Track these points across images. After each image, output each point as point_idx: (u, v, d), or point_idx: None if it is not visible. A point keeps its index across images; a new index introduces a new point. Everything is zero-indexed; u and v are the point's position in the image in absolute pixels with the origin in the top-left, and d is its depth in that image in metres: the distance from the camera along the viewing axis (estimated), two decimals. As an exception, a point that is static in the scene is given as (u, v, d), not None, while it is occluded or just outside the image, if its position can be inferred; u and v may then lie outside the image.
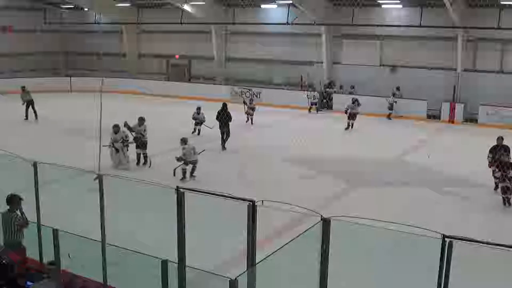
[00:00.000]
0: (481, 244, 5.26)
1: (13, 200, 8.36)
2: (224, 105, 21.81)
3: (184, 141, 16.84)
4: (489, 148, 16.30)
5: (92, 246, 7.47)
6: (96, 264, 7.78)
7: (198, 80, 38.44)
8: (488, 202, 15.20)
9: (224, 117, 21.27)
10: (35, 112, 27.47)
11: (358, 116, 26.25)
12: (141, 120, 18.28)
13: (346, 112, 26.14)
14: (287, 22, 30.07)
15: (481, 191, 16.02)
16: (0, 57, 38.39)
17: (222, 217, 10.99)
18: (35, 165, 8.49)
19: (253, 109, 27.02)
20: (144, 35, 41.21)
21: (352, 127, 26.04)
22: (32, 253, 8.16)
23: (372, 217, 5.62)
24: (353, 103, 26.28)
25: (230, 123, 21.28)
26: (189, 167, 16.71)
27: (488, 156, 16.08)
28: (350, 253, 9.33)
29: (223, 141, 21.21)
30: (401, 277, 9.43)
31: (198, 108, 24.33)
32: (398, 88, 30.19)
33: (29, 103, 27.75)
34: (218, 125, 21.37)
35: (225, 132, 21.25)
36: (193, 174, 16.77)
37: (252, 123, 26.77)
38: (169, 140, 20.09)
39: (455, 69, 29.28)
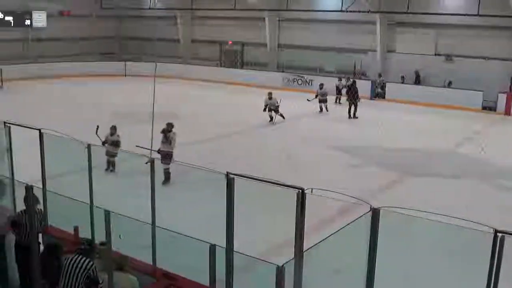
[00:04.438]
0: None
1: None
2: (354, 82, 27.09)
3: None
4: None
5: (142, 228, 7.60)
6: (146, 246, 7.92)
7: (250, 66, 38.48)
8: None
9: (352, 92, 26.01)
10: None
11: (410, 106, 25.91)
12: (113, 129, 16.08)
13: (316, 97, 27.02)
14: (341, 9, 29.77)
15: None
16: (57, 42, 39.25)
17: (270, 203, 11.04)
18: (89, 147, 8.65)
19: (323, 95, 27.01)
20: (197, 20, 41.43)
21: (325, 110, 26.92)
22: (85, 234, 8.34)
23: (422, 209, 5.55)
24: (320, 88, 26.92)
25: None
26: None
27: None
28: (399, 245, 9.24)
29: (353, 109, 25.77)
30: (449, 271, 9.30)
31: (270, 93, 24.18)
32: (380, 75, 30.72)
33: None
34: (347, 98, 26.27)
35: (352, 104, 25.79)
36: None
37: (327, 110, 26.96)
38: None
39: (513, 60, 28.46)
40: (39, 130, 9.05)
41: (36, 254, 6.89)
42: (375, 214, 5.48)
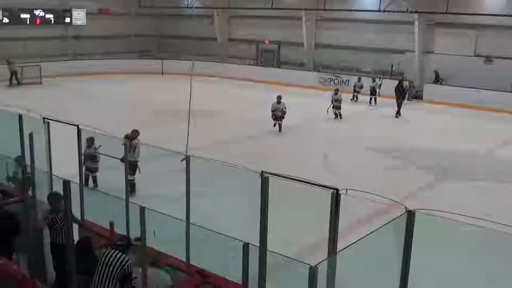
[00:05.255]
0: None
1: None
2: (400, 81, 27.09)
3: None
4: None
5: (176, 225, 7.65)
6: (180, 243, 7.97)
7: (287, 66, 38.43)
8: None
9: (399, 90, 26.37)
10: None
11: (448, 108, 25.60)
12: (90, 140, 13.80)
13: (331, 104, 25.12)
14: (379, 9, 29.53)
15: None
16: (95, 39, 39.80)
17: (304, 203, 11.02)
18: (126, 143, 8.75)
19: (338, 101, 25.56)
20: (235, 19, 41.55)
21: (339, 117, 25.06)
22: (121, 229, 8.44)
23: (458, 212, 5.47)
24: (335, 94, 25.16)
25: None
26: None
27: None
28: (434, 248, 9.13)
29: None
30: (484, 276, 9.16)
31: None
32: (374, 80, 30.07)
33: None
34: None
35: (398, 103, 26.11)
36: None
37: (340, 118, 25.25)
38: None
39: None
40: (77, 126, 9.19)
41: (72, 250, 6.99)
42: (410, 216, 5.42)
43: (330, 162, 17.72)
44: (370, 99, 29.37)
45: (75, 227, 8.43)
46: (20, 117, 9.52)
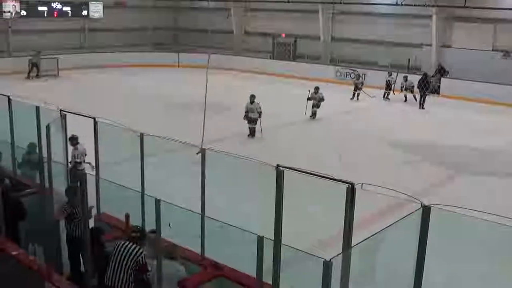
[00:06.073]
0: None
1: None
2: (425, 74, 27.87)
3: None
4: None
5: (191, 218, 7.68)
6: (194, 235, 7.99)
7: (303, 59, 38.31)
8: None
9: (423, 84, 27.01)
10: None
11: (465, 102, 25.46)
12: (33, 145, 11.35)
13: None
14: (396, 3, 29.36)
15: None
16: (112, 32, 39.96)
17: (319, 197, 11.01)
18: (141, 136, 8.77)
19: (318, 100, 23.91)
20: (251, 12, 41.49)
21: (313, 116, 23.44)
22: (136, 221, 8.48)
23: (474, 208, 5.43)
24: (315, 93, 23.51)
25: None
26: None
27: None
28: (450, 245, 9.08)
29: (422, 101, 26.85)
30: (500, 273, 9.09)
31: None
32: (390, 74, 29.48)
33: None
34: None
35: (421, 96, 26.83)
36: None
37: (314, 117, 23.52)
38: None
39: None
40: (94, 118, 9.23)
41: (87, 242, 7.05)
42: (425, 211, 5.40)
43: (347, 156, 17.66)
44: (387, 93, 29.11)
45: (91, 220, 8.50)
46: (37, 109, 9.59)
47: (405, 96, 28.44)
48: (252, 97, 19.88)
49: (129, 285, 7.02)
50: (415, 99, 27.48)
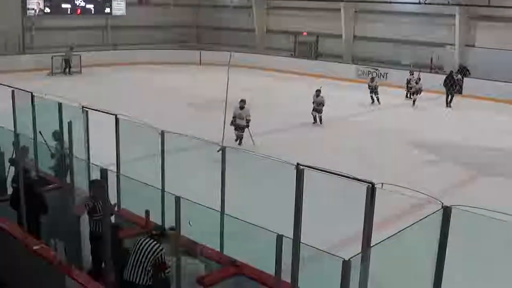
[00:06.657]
0: None
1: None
2: (451, 72, 27.90)
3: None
4: None
5: (211, 215, 7.69)
6: (214, 233, 8.01)
7: (325, 58, 38.16)
8: None
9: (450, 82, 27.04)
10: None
11: (489, 102, 25.18)
12: (24, 149, 10.43)
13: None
14: (419, 1, 29.15)
15: None
16: (134, 29, 40.16)
17: (339, 196, 10.96)
18: (162, 133, 8.81)
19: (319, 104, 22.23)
20: (273, 11, 41.44)
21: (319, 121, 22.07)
22: (156, 218, 8.52)
23: (496, 209, 5.37)
24: (317, 96, 22.09)
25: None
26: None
27: None
28: (470, 246, 9.00)
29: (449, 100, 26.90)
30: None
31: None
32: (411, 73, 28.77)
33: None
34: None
35: (449, 94, 26.87)
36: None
37: (321, 122, 22.20)
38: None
39: None
40: (115, 115, 9.29)
41: (108, 239, 7.09)
42: (446, 212, 5.35)
43: (369, 155, 17.58)
44: (407, 93, 28.78)
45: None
46: (59, 105, 9.68)
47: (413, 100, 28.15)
48: (242, 102, 18.09)
49: (147, 281, 7.06)
50: (414, 103, 27.03)
